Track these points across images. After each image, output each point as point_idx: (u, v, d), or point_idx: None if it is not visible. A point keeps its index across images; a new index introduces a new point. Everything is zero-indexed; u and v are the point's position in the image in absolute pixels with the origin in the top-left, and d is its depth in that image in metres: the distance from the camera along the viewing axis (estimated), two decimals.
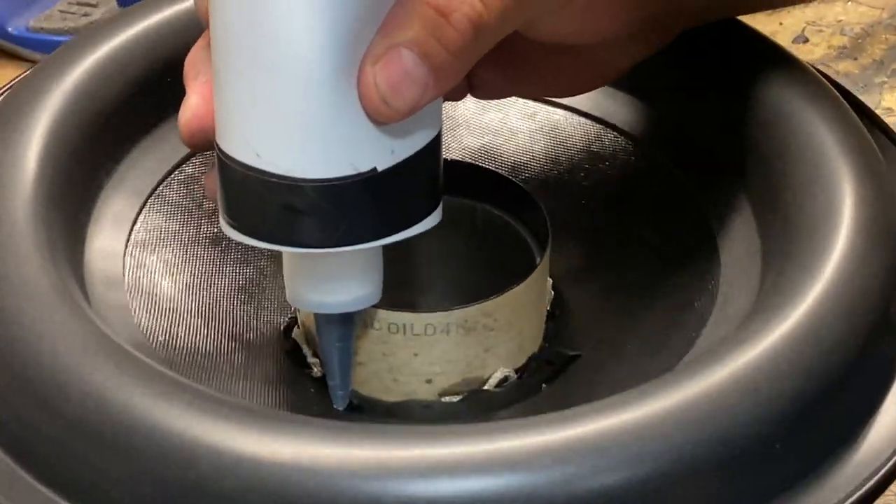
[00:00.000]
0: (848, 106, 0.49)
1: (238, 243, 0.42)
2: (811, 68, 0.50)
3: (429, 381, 0.47)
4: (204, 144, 0.42)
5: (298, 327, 0.50)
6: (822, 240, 0.43)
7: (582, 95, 0.53)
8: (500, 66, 0.46)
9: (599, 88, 0.52)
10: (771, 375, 0.39)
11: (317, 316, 0.45)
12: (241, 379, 0.47)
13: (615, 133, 0.54)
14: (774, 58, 0.50)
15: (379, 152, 0.40)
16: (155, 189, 0.51)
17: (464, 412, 0.47)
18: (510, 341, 0.47)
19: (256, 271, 0.51)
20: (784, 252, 0.45)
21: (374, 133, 0.40)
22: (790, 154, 0.47)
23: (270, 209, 0.40)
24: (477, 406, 0.47)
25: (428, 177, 0.42)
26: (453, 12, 0.39)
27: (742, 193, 0.49)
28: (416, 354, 0.46)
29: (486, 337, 0.46)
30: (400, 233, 0.42)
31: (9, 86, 0.52)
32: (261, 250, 0.47)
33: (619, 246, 0.52)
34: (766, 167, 0.48)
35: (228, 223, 0.42)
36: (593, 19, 0.45)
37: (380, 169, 0.40)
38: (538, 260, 0.48)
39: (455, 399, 0.47)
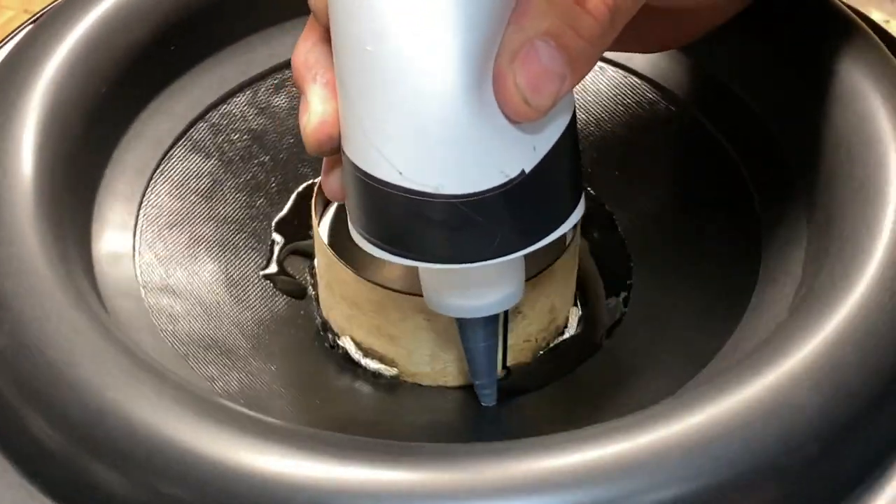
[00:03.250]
0: None
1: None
2: (877, 40, 0.47)
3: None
4: (332, 151, 0.40)
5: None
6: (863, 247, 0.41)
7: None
8: None
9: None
10: (831, 374, 0.38)
11: (461, 319, 0.43)
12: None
13: (662, 95, 0.52)
14: (840, 27, 0.47)
15: (524, 153, 0.38)
16: (159, 164, 0.49)
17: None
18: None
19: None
20: (827, 248, 0.43)
21: (515, 134, 0.37)
22: (849, 148, 0.44)
23: (419, 227, 0.38)
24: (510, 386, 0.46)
25: (570, 166, 0.40)
26: None
27: (796, 181, 0.46)
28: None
29: None
30: (553, 232, 0.39)
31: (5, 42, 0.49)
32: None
33: (659, 219, 0.50)
34: (823, 154, 0.45)
35: (366, 238, 0.39)
36: None
37: (527, 170, 0.38)
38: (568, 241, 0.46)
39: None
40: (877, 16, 0.79)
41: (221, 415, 0.37)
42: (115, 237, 0.46)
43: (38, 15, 0.51)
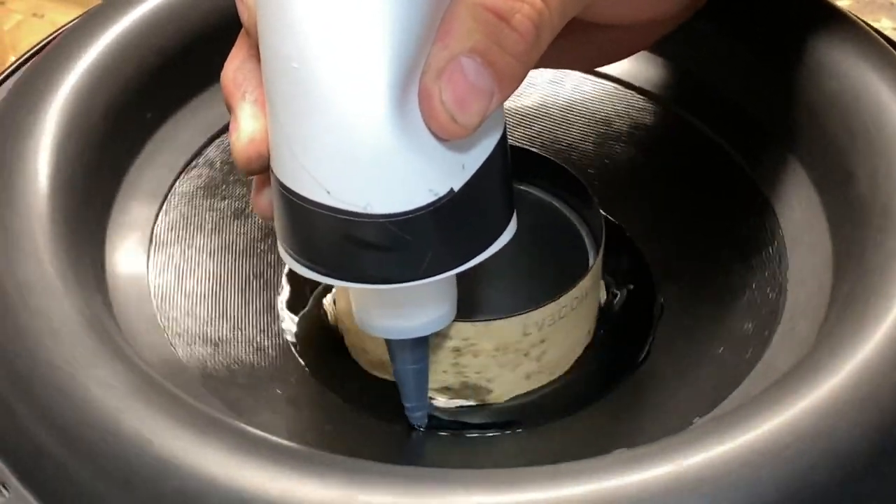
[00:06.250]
0: None
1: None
2: (860, 22, 0.47)
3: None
4: (262, 169, 0.39)
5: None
6: None
7: None
8: None
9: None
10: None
11: (389, 340, 0.42)
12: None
13: (649, 99, 0.52)
14: (817, 11, 0.47)
15: (452, 171, 0.37)
16: (173, 184, 0.49)
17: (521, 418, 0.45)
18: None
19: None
20: (859, 256, 0.41)
21: (443, 152, 0.37)
22: (858, 129, 0.43)
23: (347, 247, 0.37)
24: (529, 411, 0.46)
25: (501, 184, 0.39)
26: (514, 14, 0.36)
27: (799, 167, 0.46)
28: None
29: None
30: (484, 252, 0.39)
31: (26, 59, 0.49)
32: None
33: (673, 229, 0.49)
34: (827, 141, 0.44)
35: (294, 258, 0.39)
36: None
37: (456, 189, 0.37)
38: (591, 261, 0.46)
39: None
40: (886, 23, 0.79)
41: (237, 439, 0.37)
42: (128, 259, 0.46)
43: (51, 37, 0.51)
